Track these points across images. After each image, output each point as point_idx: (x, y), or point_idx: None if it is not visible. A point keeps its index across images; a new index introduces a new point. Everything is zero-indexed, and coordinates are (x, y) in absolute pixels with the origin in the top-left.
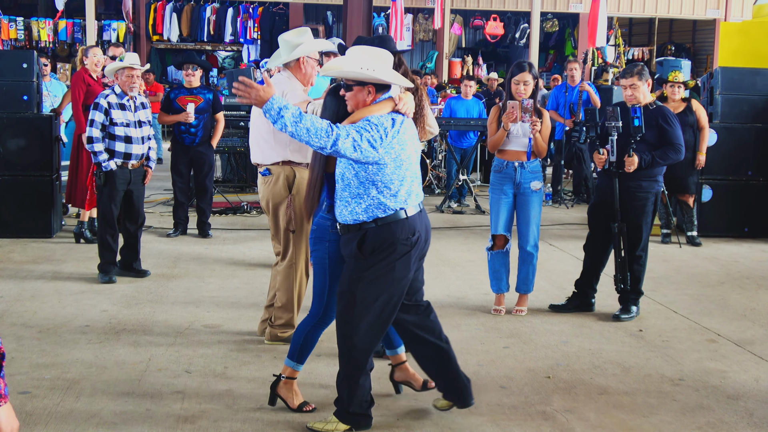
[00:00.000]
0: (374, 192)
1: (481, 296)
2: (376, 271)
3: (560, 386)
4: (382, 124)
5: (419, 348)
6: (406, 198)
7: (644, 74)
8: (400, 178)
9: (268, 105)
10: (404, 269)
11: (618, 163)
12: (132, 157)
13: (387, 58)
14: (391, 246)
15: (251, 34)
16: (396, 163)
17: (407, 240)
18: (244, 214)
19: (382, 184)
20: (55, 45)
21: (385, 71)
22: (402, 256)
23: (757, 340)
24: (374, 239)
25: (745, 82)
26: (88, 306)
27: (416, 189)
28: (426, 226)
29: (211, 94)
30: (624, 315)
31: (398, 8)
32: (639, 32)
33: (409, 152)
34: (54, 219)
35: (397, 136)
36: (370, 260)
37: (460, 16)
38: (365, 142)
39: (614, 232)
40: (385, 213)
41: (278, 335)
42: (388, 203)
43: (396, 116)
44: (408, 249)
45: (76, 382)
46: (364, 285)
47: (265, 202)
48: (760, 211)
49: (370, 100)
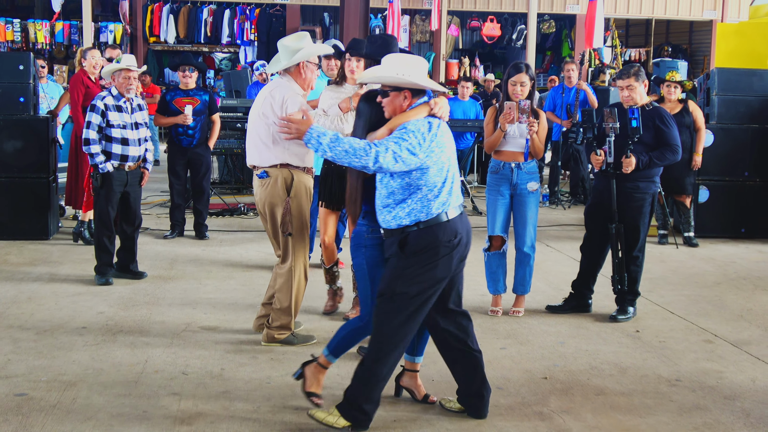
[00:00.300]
0: (418, 196)
1: (478, 297)
2: (416, 270)
3: (557, 387)
4: (419, 129)
5: (452, 354)
6: (447, 200)
7: (641, 75)
8: (441, 181)
9: (308, 136)
10: (445, 270)
11: (615, 164)
12: (129, 159)
13: (421, 64)
14: (433, 248)
15: (248, 36)
16: (438, 166)
17: (449, 242)
18: (241, 215)
19: (426, 188)
20: (52, 47)
21: (420, 76)
22: (443, 257)
23: (754, 340)
24: (417, 241)
25: (741, 83)
26: (85, 308)
27: (456, 191)
28: (467, 229)
29: (208, 96)
30: (621, 316)
31: (395, 9)
32: (636, 33)
33: (448, 154)
34: (51, 221)
35: (435, 139)
36: (411, 260)
37: (457, 18)
38: (405, 152)
39: (612, 233)
40: (427, 216)
41: (275, 337)
42: (431, 207)
43: (432, 120)
44: (449, 251)
45: (73, 384)
46: (403, 282)
47: (261, 204)
48: (757, 211)
49: (406, 105)
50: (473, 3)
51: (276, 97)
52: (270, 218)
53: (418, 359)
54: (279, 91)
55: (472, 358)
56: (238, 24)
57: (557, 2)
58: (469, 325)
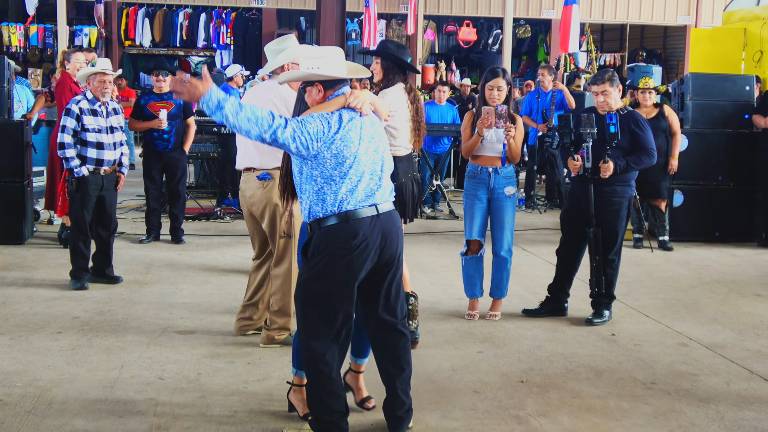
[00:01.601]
0: (314, 188)
1: (455, 301)
2: (316, 273)
3: (533, 390)
4: (325, 118)
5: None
6: (348, 198)
7: (615, 80)
8: (340, 176)
9: (206, 97)
10: (343, 274)
11: (593, 169)
12: (104, 163)
13: (334, 53)
14: (326, 249)
15: (224, 40)
16: (336, 160)
17: (345, 243)
18: (217, 219)
19: (321, 180)
20: (26, 50)
21: (328, 67)
22: (340, 260)
23: (728, 343)
24: (316, 240)
25: (715, 88)
26: (60, 313)
27: (365, 190)
28: (383, 232)
29: (182, 100)
30: (597, 319)
31: (371, 14)
32: (611, 38)
33: (355, 151)
34: (25, 225)
35: (340, 132)
36: (311, 262)
37: (433, 22)
38: (305, 134)
39: (590, 237)
40: (324, 213)
41: (275, 338)
42: (327, 201)
43: (345, 112)
44: (347, 253)
45: (48, 390)
46: (307, 286)
47: (261, 205)
48: (731, 215)
49: (320, 97)
50: (449, 7)
51: (277, 97)
52: (270, 219)
53: (359, 360)
54: (277, 92)
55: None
56: (214, 28)
57: (533, 7)
58: (400, 341)
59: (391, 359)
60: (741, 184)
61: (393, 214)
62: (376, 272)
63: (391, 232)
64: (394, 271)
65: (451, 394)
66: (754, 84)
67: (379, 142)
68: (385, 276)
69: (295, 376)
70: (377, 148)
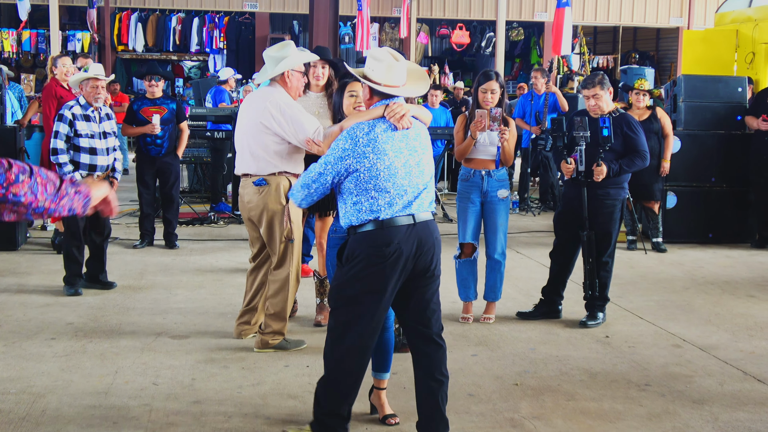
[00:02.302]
0: (351, 200)
1: (449, 304)
2: (349, 277)
3: (528, 393)
4: (348, 136)
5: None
6: (385, 209)
7: (605, 83)
8: (376, 189)
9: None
10: (376, 282)
11: (587, 172)
12: (97, 169)
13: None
14: (359, 256)
15: (217, 44)
16: (371, 173)
17: (379, 251)
18: (211, 224)
19: (357, 193)
20: (19, 55)
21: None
22: (372, 267)
23: (722, 345)
24: (350, 247)
25: (707, 90)
26: (54, 319)
27: (403, 202)
28: (419, 241)
29: (175, 104)
30: (591, 321)
31: (364, 18)
32: (603, 40)
33: (389, 163)
34: (18, 231)
35: (373, 144)
36: (345, 267)
37: (426, 25)
38: (320, 166)
39: (583, 240)
40: (359, 221)
41: (269, 342)
42: (362, 211)
43: (379, 124)
44: (380, 261)
45: (42, 396)
46: (340, 290)
47: (258, 211)
48: (724, 217)
49: (365, 99)
50: (442, 11)
51: (273, 106)
52: (267, 225)
53: (380, 375)
54: (273, 101)
55: (424, 386)
56: (207, 32)
57: (525, 10)
58: (437, 353)
59: (428, 369)
60: (734, 186)
61: (430, 223)
62: (411, 281)
63: (427, 241)
64: (430, 283)
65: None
66: (747, 85)
67: (423, 155)
68: (418, 285)
69: (374, 378)
70: (420, 161)
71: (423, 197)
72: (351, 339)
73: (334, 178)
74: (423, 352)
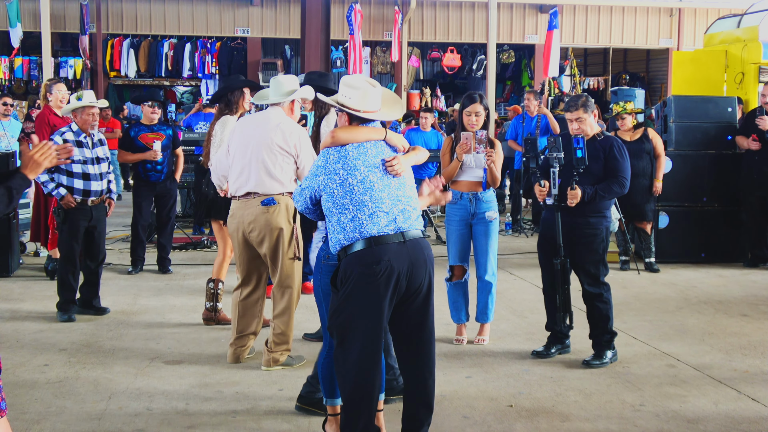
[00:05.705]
0: (334, 220)
1: (442, 326)
2: (344, 297)
3: (522, 414)
4: (321, 156)
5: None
6: (368, 224)
7: (589, 105)
8: (353, 204)
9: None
10: (369, 297)
11: (561, 196)
12: (91, 194)
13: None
14: (351, 276)
15: (209, 69)
16: (344, 189)
17: (370, 269)
18: (204, 248)
19: (336, 210)
20: (12, 83)
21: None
22: (366, 286)
23: (716, 364)
24: (342, 270)
25: (697, 110)
26: (48, 345)
27: (387, 216)
28: (410, 259)
29: (171, 130)
30: (595, 362)
31: (356, 41)
32: (594, 62)
33: (362, 177)
34: (11, 258)
35: (344, 160)
36: (341, 289)
37: (417, 49)
38: (305, 181)
39: (557, 269)
40: (348, 240)
41: (279, 360)
42: (347, 229)
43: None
44: (372, 279)
45: (36, 422)
46: (338, 312)
47: (262, 230)
48: (716, 236)
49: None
50: (433, 34)
51: (286, 129)
52: (272, 243)
53: (332, 402)
54: (287, 125)
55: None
56: (199, 57)
57: (516, 33)
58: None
59: (417, 390)
60: (725, 205)
61: (421, 242)
62: (404, 300)
63: (419, 259)
64: (422, 301)
65: (441, 419)
66: (737, 105)
67: (382, 168)
68: (411, 305)
69: (328, 406)
70: (382, 174)
71: (408, 212)
72: (354, 359)
73: (311, 194)
74: (412, 371)
